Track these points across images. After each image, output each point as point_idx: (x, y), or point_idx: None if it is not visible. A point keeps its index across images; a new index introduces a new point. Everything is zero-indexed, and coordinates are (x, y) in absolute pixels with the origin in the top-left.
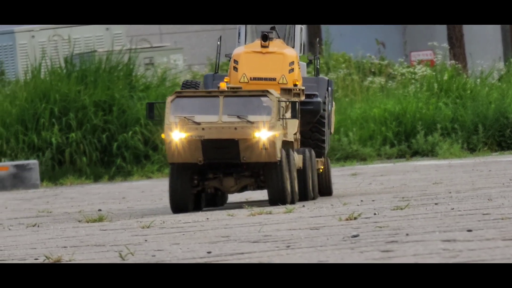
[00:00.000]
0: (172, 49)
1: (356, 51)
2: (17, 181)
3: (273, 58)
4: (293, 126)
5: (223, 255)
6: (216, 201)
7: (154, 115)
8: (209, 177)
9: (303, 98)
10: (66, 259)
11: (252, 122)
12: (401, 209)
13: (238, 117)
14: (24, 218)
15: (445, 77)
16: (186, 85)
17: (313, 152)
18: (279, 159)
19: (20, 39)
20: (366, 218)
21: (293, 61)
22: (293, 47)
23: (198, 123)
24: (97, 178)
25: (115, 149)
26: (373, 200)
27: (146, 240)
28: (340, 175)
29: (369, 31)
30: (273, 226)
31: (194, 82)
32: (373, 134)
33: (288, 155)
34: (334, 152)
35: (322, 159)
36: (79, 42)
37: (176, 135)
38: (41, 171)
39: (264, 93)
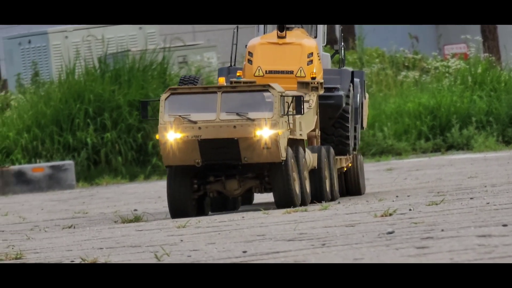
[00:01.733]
0: (206, 47)
1: (389, 46)
2: (53, 182)
3: (290, 49)
4: (309, 122)
5: (259, 254)
6: (227, 205)
7: (148, 114)
8: (210, 180)
9: (322, 92)
10: (102, 260)
11: (252, 120)
12: (436, 204)
13: (238, 114)
14: (60, 220)
15: (479, 70)
16: (184, 80)
17: (331, 150)
18: (283, 158)
19: (53, 40)
20: (401, 214)
21: (312, 52)
22: (315, 37)
23: (194, 122)
24: (132, 178)
25: (150, 148)
26: (408, 196)
27: (181, 240)
28: (375, 170)
29: (402, 25)
30: (308, 224)
31: (192, 77)
32: (408, 128)
33: (296, 154)
34: (369, 147)
35: (347, 156)
36: (112, 42)
37: (171, 136)
38: (77, 171)
39: (266, 88)
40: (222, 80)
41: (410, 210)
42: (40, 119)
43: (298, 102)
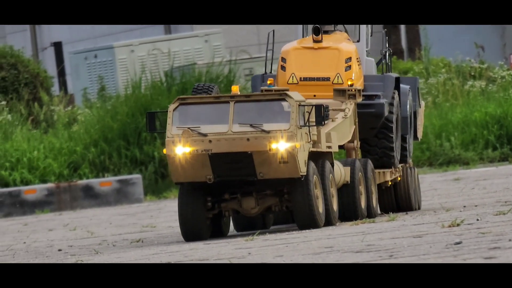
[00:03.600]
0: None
1: (455, 56)
2: (120, 196)
3: (327, 54)
4: (344, 133)
5: None
6: (255, 224)
7: (156, 127)
8: (226, 198)
9: (360, 99)
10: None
11: (267, 132)
12: (504, 214)
13: (251, 126)
14: (128, 234)
15: None
16: (197, 89)
17: (369, 163)
18: (303, 174)
19: (119, 54)
20: (468, 224)
21: (351, 57)
22: (358, 41)
23: (205, 135)
24: None
25: None
26: (475, 206)
27: (249, 253)
28: (443, 180)
29: (467, 34)
30: (376, 235)
31: (207, 85)
32: (475, 138)
33: (322, 169)
34: (436, 157)
35: (392, 169)
36: (178, 55)
37: (180, 150)
38: (144, 185)
39: (282, 97)
40: (235, 89)
41: (477, 220)
42: (107, 133)
43: (318, 112)
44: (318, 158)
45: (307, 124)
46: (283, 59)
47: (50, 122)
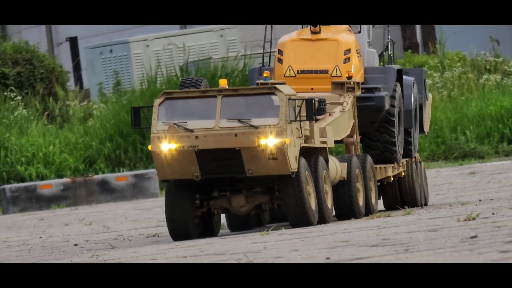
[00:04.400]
0: None
1: (470, 49)
2: (136, 190)
3: (325, 45)
4: (342, 127)
5: (342, 260)
6: (249, 222)
7: (141, 123)
8: (214, 195)
9: (359, 92)
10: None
11: (256, 127)
12: None
13: (239, 121)
14: (144, 228)
15: None
16: (185, 83)
17: (368, 159)
18: (293, 170)
19: (135, 49)
20: (484, 218)
21: (350, 49)
22: (359, 32)
23: (191, 130)
24: None
25: None
26: (491, 199)
27: (265, 248)
28: (458, 173)
29: (482, 29)
30: (391, 229)
31: (195, 79)
32: (490, 131)
33: (315, 165)
34: (451, 151)
35: (395, 164)
36: (193, 49)
37: (165, 146)
38: (160, 179)
39: (271, 90)
40: (223, 83)
41: (493, 214)
42: (123, 128)
43: (309, 106)
44: (311, 154)
45: (298, 118)
46: (280, 51)
47: (65, 117)
